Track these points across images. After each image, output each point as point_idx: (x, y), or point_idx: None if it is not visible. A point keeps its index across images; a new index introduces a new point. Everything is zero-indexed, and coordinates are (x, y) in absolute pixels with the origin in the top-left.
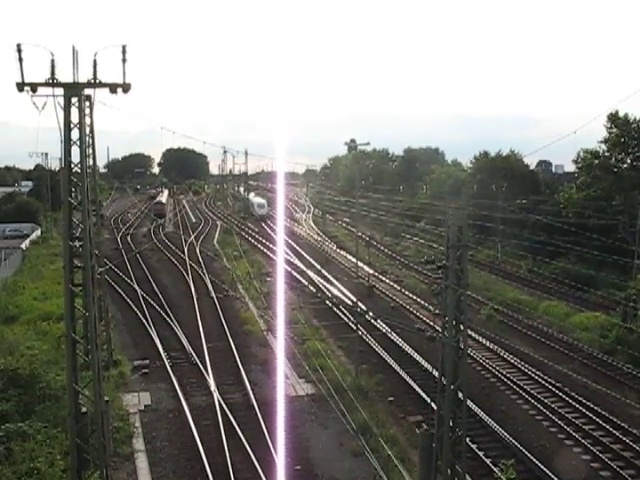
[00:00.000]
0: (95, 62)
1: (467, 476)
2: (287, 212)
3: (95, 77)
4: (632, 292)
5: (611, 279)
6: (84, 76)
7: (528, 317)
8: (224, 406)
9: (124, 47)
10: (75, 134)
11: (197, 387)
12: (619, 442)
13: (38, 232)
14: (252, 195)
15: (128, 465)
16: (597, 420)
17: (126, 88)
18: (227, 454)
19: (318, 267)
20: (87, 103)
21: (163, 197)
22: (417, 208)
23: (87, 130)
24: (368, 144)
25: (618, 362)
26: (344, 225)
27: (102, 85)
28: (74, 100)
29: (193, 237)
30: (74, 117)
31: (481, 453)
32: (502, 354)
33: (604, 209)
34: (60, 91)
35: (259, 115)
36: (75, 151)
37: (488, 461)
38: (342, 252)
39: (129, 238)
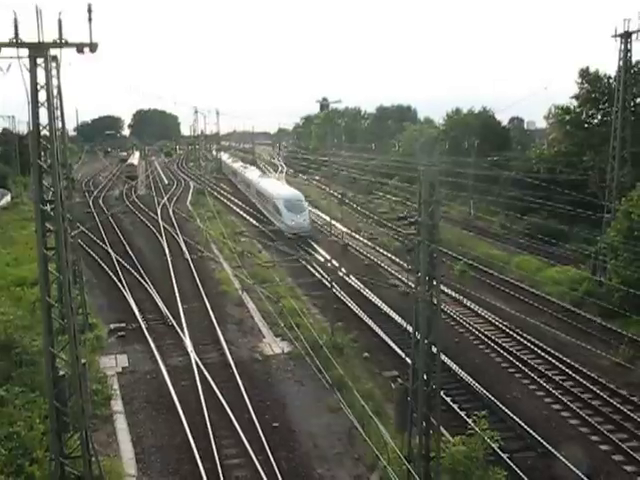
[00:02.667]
0: (60, 21)
1: (441, 428)
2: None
3: (60, 37)
4: (601, 246)
5: (581, 234)
6: (50, 37)
7: (500, 272)
8: (201, 366)
9: (90, 5)
10: (42, 96)
11: (174, 348)
12: (588, 391)
13: (8, 198)
14: (266, 182)
15: (107, 427)
16: (567, 371)
17: (93, 48)
18: (205, 413)
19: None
20: (54, 64)
21: (134, 159)
22: (389, 166)
23: (55, 92)
24: (340, 102)
25: (587, 314)
26: (317, 184)
27: (68, 45)
28: (40, 61)
29: (166, 199)
30: (41, 78)
31: (455, 406)
32: (475, 308)
33: (575, 165)
34: (25, 52)
35: (231, 75)
36: (43, 113)
37: (462, 413)
38: (316, 210)
39: (101, 201)
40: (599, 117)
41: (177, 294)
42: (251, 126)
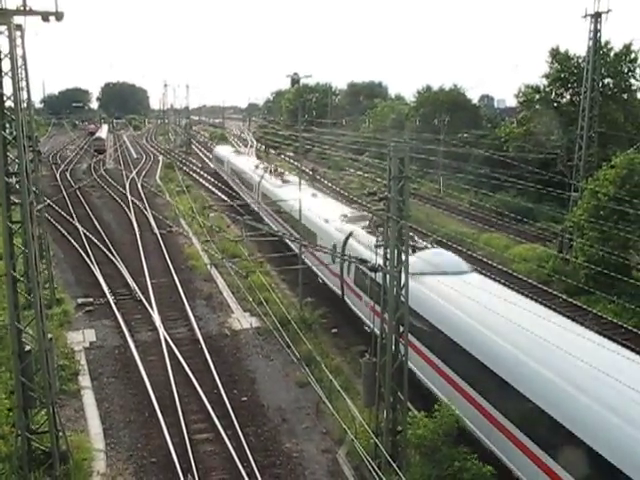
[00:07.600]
0: None
1: (409, 403)
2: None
3: (25, 4)
4: (568, 224)
5: (549, 212)
6: (14, 3)
7: (469, 249)
8: (170, 341)
9: None
10: (6, 65)
11: (142, 323)
12: None
13: None
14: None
15: (75, 402)
16: None
17: (59, 16)
18: (174, 388)
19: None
20: (18, 33)
21: (103, 132)
22: (360, 142)
23: (19, 61)
24: (311, 76)
25: (554, 291)
26: (287, 159)
27: (33, 13)
28: (3, 29)
29: (135, 173)
30: (4, 47)
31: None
32: None
33: (543, 143)
34: None
35: (202, 50)
36: (7, 83)
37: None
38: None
39: (68, 175)
40: (568, 97)
41: (146, 269)
42: (221, 100)
